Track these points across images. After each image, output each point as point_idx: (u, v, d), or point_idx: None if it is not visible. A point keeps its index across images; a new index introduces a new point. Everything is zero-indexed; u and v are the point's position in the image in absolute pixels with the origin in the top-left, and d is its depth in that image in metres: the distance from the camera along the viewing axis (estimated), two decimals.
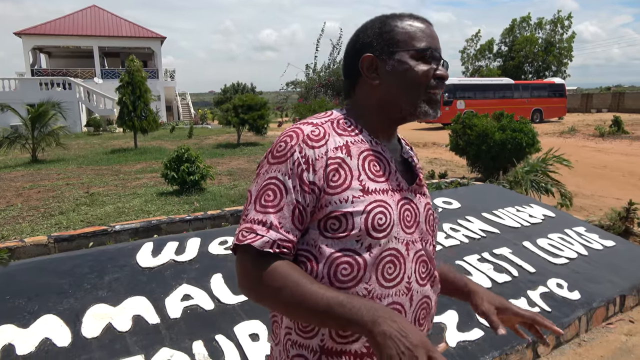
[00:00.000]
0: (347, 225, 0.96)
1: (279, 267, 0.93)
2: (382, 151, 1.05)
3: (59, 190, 8.00)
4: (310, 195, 0.95)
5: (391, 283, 0.99)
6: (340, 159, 0.97)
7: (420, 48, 1.02)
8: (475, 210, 4.44)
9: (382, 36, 1.03)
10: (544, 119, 25.98)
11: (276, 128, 18.55)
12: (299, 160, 0.95)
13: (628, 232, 5.01)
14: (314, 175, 0.95)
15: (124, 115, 14.12)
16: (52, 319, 2.38)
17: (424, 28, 1.04)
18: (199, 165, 7.40)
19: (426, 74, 1.02)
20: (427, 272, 1.07)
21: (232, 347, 2.39)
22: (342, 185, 0.96)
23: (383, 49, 1.03)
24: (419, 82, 1.02)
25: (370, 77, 1.04)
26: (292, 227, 0.95)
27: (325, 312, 0.89)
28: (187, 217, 4.73)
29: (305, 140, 0.97)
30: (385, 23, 1.04)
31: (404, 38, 1.02)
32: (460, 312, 2.91)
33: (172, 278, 2.84)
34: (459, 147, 8.98)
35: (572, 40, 46.41)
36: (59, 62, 31.79)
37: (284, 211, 0.95)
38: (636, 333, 3.25)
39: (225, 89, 46.88)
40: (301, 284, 0.91)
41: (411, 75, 1.01)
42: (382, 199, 0.99)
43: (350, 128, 1.04)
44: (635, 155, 12.86)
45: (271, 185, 0.97)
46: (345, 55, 1.10)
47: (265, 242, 0.93)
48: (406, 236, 1.02)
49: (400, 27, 1.03)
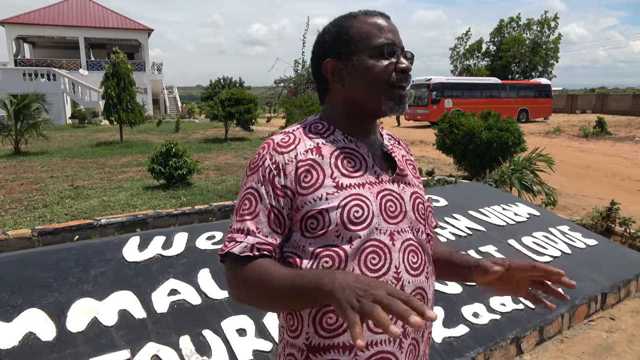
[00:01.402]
0: (324, 222, 0.98)
1: (254, 263, 0.97)
2: (357, 147, 1.07)
3: (42, 183, 7.88)
4: (283, 198, 0.99)
5: (376, 273, 0.99)
6: (311, 160, 1.01)
7: (376, 45, 1.02)
8: (462, 208, 4.48)
9: (339, 39, 1.05)
10: (530, 118, 26.29)
11: (265, 124, 18.48)
12: (270, 166, 1.00)
13: (610, 231, 5.11)
14: (285, 179, 0.99)
15: (110, 108, 13.95)
16: (36, 313, 2.35)
17: (380, 23, 1.04)
18: (187, 160, 7.35)
19: (385, 70, 1.02)
20: (419, 262, 1.06)
21: (219, 342, 2.39)
22: (314, 185, 0.99)
23: (342, 51, 1.04)
24: (379, 80, 1.03)
25: (334, 81, 1.06)
26: (269, 231, 0.99)
27: (291, 289, 0.91)
28: (174, 212, 4.70)
29: (275, 148, 1.02)
30: (342, 25, 1.05)
31: (360, 37, 1.03)
32: (446, 308, 2.94)
33: (158, 273, 2.82)
34: (446, 145, 9.06)
35: (559, 42, 47.03)
36: (43, 53, 31.21)
37: (260, 216, 0.99)
38: (616, 330, 3.32)
39: (213, 83, 46.53)
40: (267, 269, 0.94)
41: (371, 74, 1.02)
42: (357, 193, 1.00)
43: (322, 130, 1.07)
44: (618, 156, 13.10)
45: (247, 195, 1.02)
46: (311, 60, 1.12)
47: (243, 247, 0.97)
48: (390, 226, 1.02)
49: (356, 26, 1.03)
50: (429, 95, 23.66)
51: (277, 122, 24.23)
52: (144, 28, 29.93)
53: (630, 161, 12.09)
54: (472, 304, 3.05)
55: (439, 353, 2.59)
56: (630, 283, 3.83)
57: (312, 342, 0.99)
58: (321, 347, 0.99)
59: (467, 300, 3.08)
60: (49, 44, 31.34)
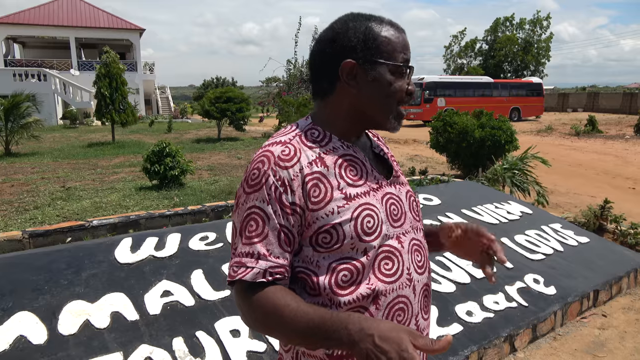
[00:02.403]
0: (339, 236, 0.95)
1: (268, 294, 0.92)
2: (355, 153, 1.04)
3: (33, 185, 7.81)
4: (293, 216, 0.94)
5: (392, 278, 0.99)
6: (317, 173, 0.96)
7: (400, 63, 1.01)
8: (455, 207, 4.49)
9: (366, 43, 0.99)
10: (522, 117, 26.44)
11: (257, 123, 18.44)
12: (275, 184, 0.94)
13: (602, 229, 5.15)
14: (292, 196, 0.94)
15: (102, 108, 13.85)
16: (27, 315, 2.33)
17: (403, 39, 1.03)
18: (180, 160, 7.31)
19: (401, 89, 1.02)
20: (423, 260, 1.08)
21: (212, 343, 2.38)
22: (324, 199, 0.95)
23: (366, 57, 0.99)
24: (394, 97, 1.02)
25: (349, 84, 1.01)
26: (281, 252, 0.94)
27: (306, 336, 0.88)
28: (166, 213, 4.68)
29: (277, 162, 0.95)
30: (370, 29, 1.00)
31: (387, 49, 1.00)
32: (440, 307, 2.95)
33: (151, 274, 2.80)
34: (440, 144, 9.08)
35: (550, 41, 47.37)
36: (33, 53, 30.92)
37: (270, 238, 0.93)
38: (608, 327, 3.34)
39: (206, 83, 46.40)
40: (283, 309, 0.90)
41: (389, 90, 1.01)
42: (366, 202, 0.99)
43: (319, 138, 1.02)
44: (609, 154, 13.21)
45: (252, 215, 0.95)
46: (319, 53, 1.04)
47: (256, 274, 0.92)
48: (395, 230, 1.02)
49: (384, 36, 1.00)
50: (421, 94, 23.73)
51: (270, 122, 24.20)
52: (135, 28, 29.74)
53: (621, 159, 12.19)
54: (466, 303, 3.06)
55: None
56: (621, 280, 3.86)
57: (335, 352, 0.98)
58: (343, 356, 0.98)
59: (460, 299, 3.08)
60: (39, 44, 31.06)
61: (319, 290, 0.97)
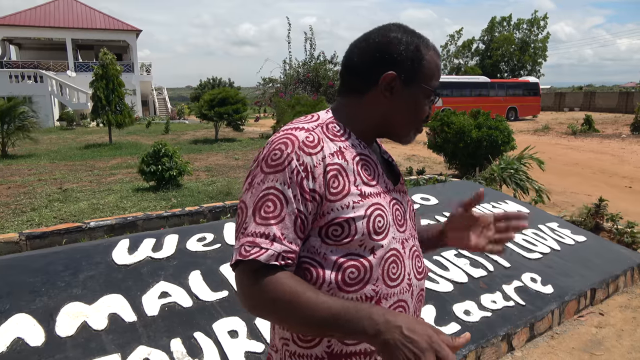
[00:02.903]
0: (350, 230, 0.95)
1: (280, 279, 0.90)
2: (370, 154, 1.05)
3: (30, 186, 7.79)
4: (311, 203, 0.94)
5: (395, 282, 1.01)
6: (338, 165, 0.97)
7: (433, 89, 1.06)
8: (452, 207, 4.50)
9: (413, 62, 1.02)
10: (519, 117, 26.50)
11: (253, 123, 18.43)
12: (298, 168, 0.93)
13: (598, 228, 5.16)
14: (314, 183, 0.93)
15: (98, 109, 13.82)
16: (24, 318, 2.32)
17: (440, 67, 1.09)
18: (177, 161, 7.31)
19: (426, 112, 1.08)
20: (422, 266, 1.11)
21: (210, 345, 2.38)
22: (342, 192, 0.96)
23: (409, 74, 1.02)
24: (420, 117, 1.08)
25: (384, 93, 1.02)
26: (294, 237, 0.93)
27: (324, 323, 0.87)
28: (164, 214, 4.67)
29: (302, 147, 0.94)
30: (419, 49, 1.03)
31: (428, 73, 1.04)
32: (437, 306, 2.96)
33: (149, 275, 2.80)
34: (437, 144, 9.10)
35: (547, 40, 47.50)
36: (30, 54, 30.84)
37: (286, 221, 0.92)
38: (606, 325, 3.35)
39: (203, 83, 46.34)
40: (298, 294, 0.88)
41: (418, 110, 1.06)
42: (378, 202, 1.00)
43: (339, 133, 1.02)
44: (605, 153, 13.25)
45: (270, 196, 0.93)
46: (364, 53, 1.04)
47: (270, 256, 0.90)
48: (400, 235, 1.04)
49: (428, 59, 1.04)
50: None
51: (266, 122, 24.17)
52: (132, 29, 29.70)
53: (617, 158, 12.23)
54: (464, 302, 3.07)
55: None
56: (618, 278, 3.88)
57: (335, 349, 0.98)
58: (343, 354, 0.99)
59: (458, 298, 3.09)
60: (35, 46, 30.97)
61: (322, 283, 0.96)
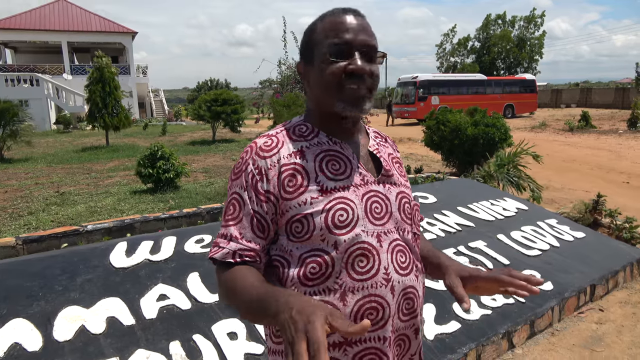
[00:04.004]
0: (309, 226, 0.98)
1: (232, 272, 0.98)
2: (342, 149, 1.06)
3: (27, 190, 7.75)
4: (267, 204, 1.00)
5: (365, 275, 0.99)
6: (294, 164, 1.01)
7: (327, 47, 1.00)
8: (450, 205, 4.49)
9: (306, 43, 1.07)
10: (516, 114, 26.53)
11: (253, 125, 18.40)
12: (252, 172, 1.01)
13: (596, 224, 5.16)
14: (267, 184, 0.99)
15: (94, 113, 13.78)
16: (21, 322, 2.30)
17: (339, 22, 1.01)
18: (174, 163, 7.28)
19: (333, 73, 1.00)
20: (408, 261, 1.07)
21: (210, 347, 2.36)
22: (299, 190, 0.99)
23: (307, 55, 1.07)
24: (328, 83, 1.01)
25: (304, 84, 1.10)
26: (253, 236, 1.00)
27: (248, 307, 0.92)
28: (162, 216, 4.65)
29: (258, 152, 1.02)
30: (309, 28, 1.07)
31: (319, 40, 1.03)
32: (437, 304, 2.95)
33: (147, 278, 2.78)
34: (434, 142, 9.10)
35: (543, 38, 47.58)
36: (25, 58, 30.72)
37: (243, 222, 1.00)
38: (606, 321, 3.35)
39: (200, 85, 46.30)
40: (237, 282, 0.95)
41: (322, 78, 1.02)
42: (342, 196, 1.00)
43: (306, 133, 1.07)
44: (602, 149, 13.27)
45: (232, 200, 1.03)
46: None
47: (225, 254, 1.00)
48: (376, 228, 1.02)
49: (318, 29, 1.04)
50: (415, 92, 23.76)
51: (266, 123, 24.15)
52: (127, 31, 29.61)
53: (614, 153, 12.25)
54: None
55: (431, 350, 2.59)
56: (618, 274, 3.88)
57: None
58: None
59: None
60: (31, 49, 30.87)
61: (286, 279, 1.00)
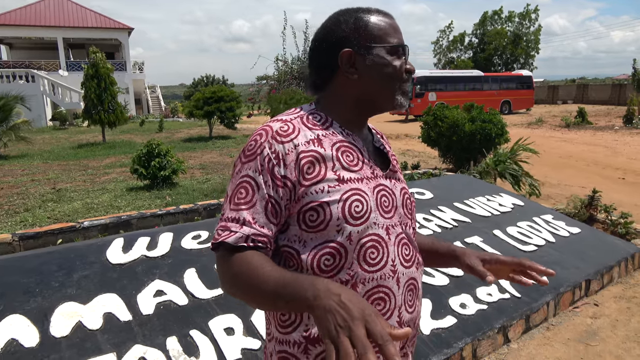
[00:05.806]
0: (325, 215, 0.97)
1: (246, 257, 0.94)
2: (354, 141, 1.07)
3: (23, 187, 7.73)
4: (283, 189, 0.97)
5: (375, 267, 1.01)
6: (313, 152, 1.00)
7: (394, 44, 1.06)
8: (447, 200, 4.51)
9: (358, 31, 1.05)
10: (513, 110, 26.56)
11: (246, 120, 18.37)
12: (269, 155, 0.98)
13: (592, 219, 5.19)
14: (285, 170, 0.97)
15: (90, 109, 13.72)
16: (18, 319, 2.30)
17: (392, 23, 1.08)
18: (170, 160, 7.27)
19: (400, 68, 1.06)
20: (411, 254, 1.10)
21: (207, 342, 2.37)
22: (317, 177, 0.98)
23: (361, 44, 1.05)
24: (395, 77, 1.06)
25: (348, 72, 1.06)
26: (266, 222, 0.97)
27: (274, 293, 0.88)
28: (158, 212, 4.65)
29: (275, 136, 0.99)
30: (359, 18, 1.06)
31: (379, 34, 1.05)
32: (433, 299, 2.96)
33: (144, 274, 2.78)
34: (431, 138, 9.11)
35: (539, 33, 47.58)
36: (21, 54, 30.55)
37: (257, 206, 0.97)
38: (601, 316, 3.37)
39: (196, 81, 46.18)
40: (256, 268, 0.91)
41: (389, 70, 1.05)
42: (357, 187, 1.01)
43: (320, 122, 1.06)
44: (598, 145, 13.31)
45: (244, 183, 0.99)
46: (316, 48, 1.10)
47: (239, 238, 0.95)
48: (385, 221, 1.04)
49: (373, 22, 1.06)
50: (412, 89, 23.76)
51: (260, 120, 24.09)
52: (123, 27, 29.47)
53: (610, 150, 12.30)
54: (459, 295, 3.07)
55: (427, 345, 2.61)
56: (613, 269, 3.90)
57: (312, 333, 1.00)
58: (320, 338, 0.98)
59: (454, 292, 3.10)
60: (26, 45, 30.69)
61: (300, 270, 0.99)
